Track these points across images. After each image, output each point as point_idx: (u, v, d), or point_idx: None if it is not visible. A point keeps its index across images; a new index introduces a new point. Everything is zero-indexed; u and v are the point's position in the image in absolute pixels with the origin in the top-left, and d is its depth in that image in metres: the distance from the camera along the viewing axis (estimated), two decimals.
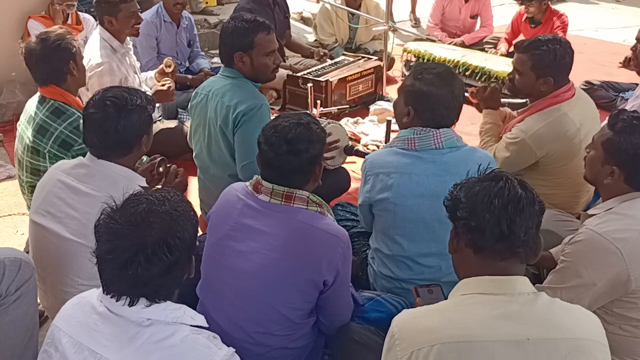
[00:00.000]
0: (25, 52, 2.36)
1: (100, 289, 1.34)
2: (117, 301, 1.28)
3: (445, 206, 1.38)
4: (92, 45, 3.13)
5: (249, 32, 2.41)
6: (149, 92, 3.21)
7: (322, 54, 4.65)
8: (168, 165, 2.22)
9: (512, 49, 5.17)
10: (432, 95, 1.99)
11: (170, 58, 3.42)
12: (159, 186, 2.27)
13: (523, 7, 4.88)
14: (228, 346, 1.35)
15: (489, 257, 1.29)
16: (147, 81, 3.36)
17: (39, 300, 1.97)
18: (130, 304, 1.28)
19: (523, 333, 1.21)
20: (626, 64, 4.75)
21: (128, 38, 3.23)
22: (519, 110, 2.66)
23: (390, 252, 2.09)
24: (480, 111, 2.85)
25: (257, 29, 2.43)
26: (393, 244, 2.08)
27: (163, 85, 3.13)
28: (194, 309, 1.43)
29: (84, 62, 3.04)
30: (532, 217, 1.28)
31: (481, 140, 2.78)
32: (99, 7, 3.13)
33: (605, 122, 1.91)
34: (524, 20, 4.95)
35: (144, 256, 1.25)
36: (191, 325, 1.32)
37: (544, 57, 2.43)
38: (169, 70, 3.26)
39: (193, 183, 2.92)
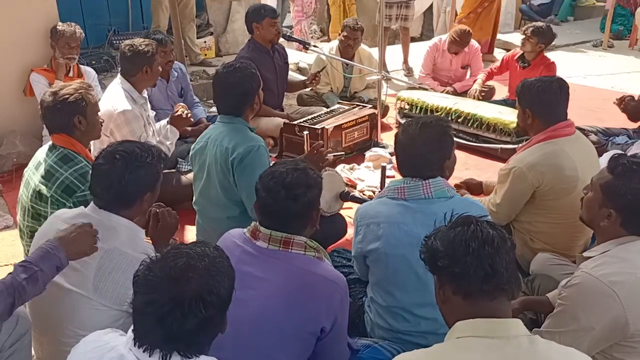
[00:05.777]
0: (39, 103, 2.48)
1: (127, 337, 1.33)
2: (150, 356, 1.27)
3: (423, 259, 1.39)
4: (114, 96, 3.19)
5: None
6: (165, 127, 3.30)
7: (312, 79, 4.57)
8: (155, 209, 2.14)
9: (488, 81, 5.31)
10: (403, 144, 2.09)
11: (183, 105, 3.47)
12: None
13: (522, 38, 4.88)
14: None
15: (479, 300, 1.30)
16: (161, 129, 3.40)
17: (33, 352, 1.94)
18: (163, 359, 1.26)
19: None
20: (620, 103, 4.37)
21: (145, 90, 3.34)
22: (518, 146, 2.79)
23: (385, 304, 2.08)
24: None
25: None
26: (387, 295, 2.07)
27: (176, 111, 3.30)
28: None
29: (105, 110, 3.03)
30: (507, 253, 1.32)
31: None
32: (137, 57, 3.19)
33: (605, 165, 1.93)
34: (516, 59, 5.05)
35: (180, 311, 1.25)
36: None
37: (523, 91, 2.67)
38: (184, 115, 3.34)
39: (192, 230, 2.91)
